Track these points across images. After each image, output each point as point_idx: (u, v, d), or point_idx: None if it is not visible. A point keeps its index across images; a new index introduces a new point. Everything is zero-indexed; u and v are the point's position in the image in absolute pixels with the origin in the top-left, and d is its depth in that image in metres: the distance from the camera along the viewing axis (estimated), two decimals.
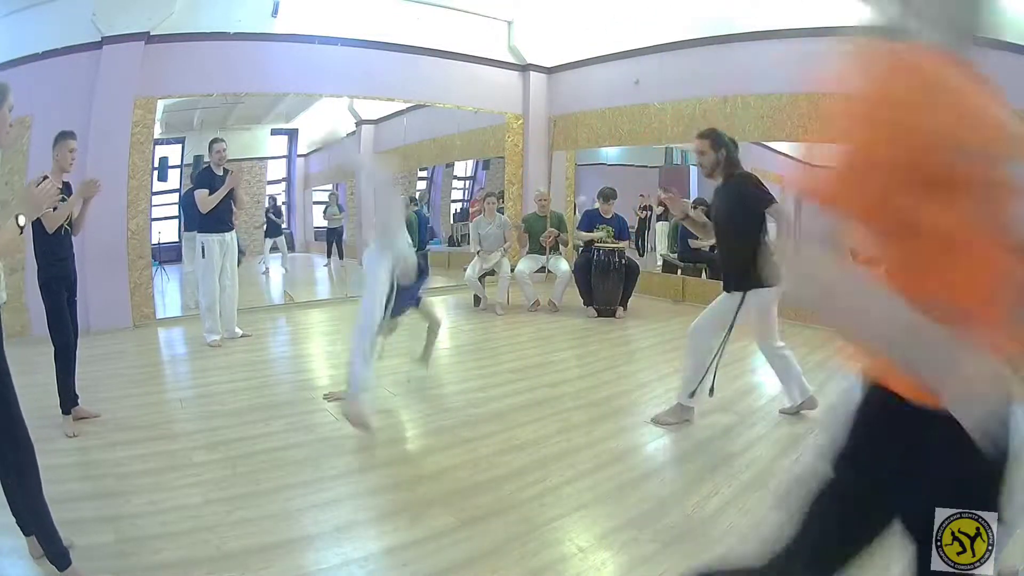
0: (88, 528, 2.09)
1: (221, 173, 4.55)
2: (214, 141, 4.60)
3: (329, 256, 8.23)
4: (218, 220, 4.57)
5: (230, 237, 4.67)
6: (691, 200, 6.68)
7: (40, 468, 1.77)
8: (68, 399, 3.01)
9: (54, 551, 1.78)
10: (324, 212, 8.41)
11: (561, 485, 2.48)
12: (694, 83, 6.32)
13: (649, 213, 8.00)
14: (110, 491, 2.37)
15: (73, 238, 3.12)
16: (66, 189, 3.10)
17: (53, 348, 2.98)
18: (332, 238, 8.23)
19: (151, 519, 2.17)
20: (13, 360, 1.77)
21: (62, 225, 3.00)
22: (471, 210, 8.87)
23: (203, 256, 4.57)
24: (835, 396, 3.71)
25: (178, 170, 6.82)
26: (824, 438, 1.01)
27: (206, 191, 4.45)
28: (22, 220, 1.69)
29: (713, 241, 3.30)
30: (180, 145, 6.84)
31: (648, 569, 1.94)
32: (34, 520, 1.80)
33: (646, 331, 5.26)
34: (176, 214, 6.59)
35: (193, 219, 4.80)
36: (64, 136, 3.03)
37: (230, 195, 4.55)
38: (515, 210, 7.64)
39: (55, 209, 2.96)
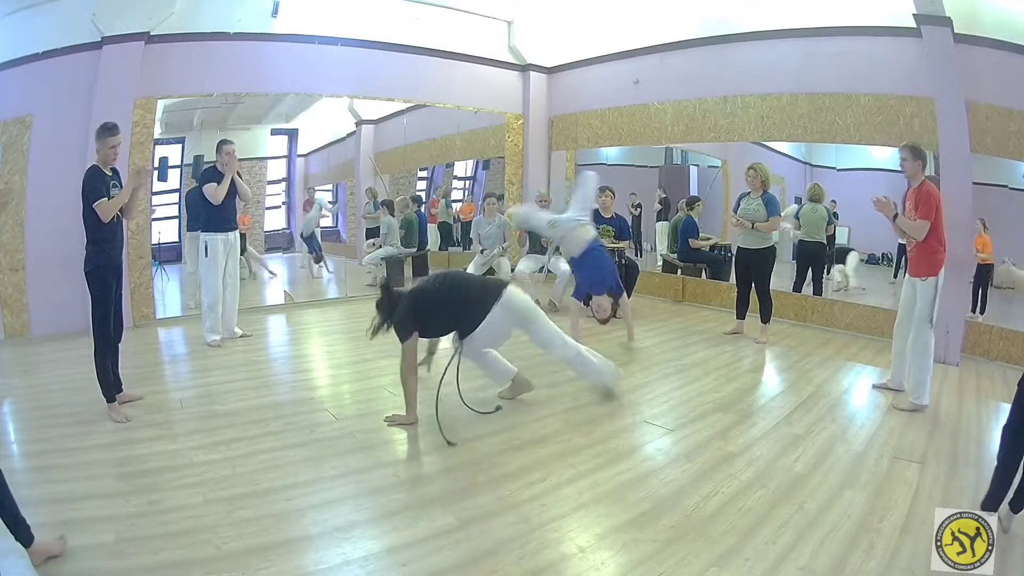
0: (88, 528, 2.09)
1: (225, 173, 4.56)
2: (224, 142, 4.58)
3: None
4: (223, 219, 4.58)
5: (234, 236, 4.68)
6: (685, 199, 6.70)
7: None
8: (110, 387, 3.16)
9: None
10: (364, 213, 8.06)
11: (561, 485, 2.48)
12: (694, 83, 6.33)
13: (640, 211, 8.01)
14: (110, 491, 2.37)
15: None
16: (115, 176, 3.18)
17: (94, 339, 3.09)
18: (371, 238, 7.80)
19: (151, 519, 2.17)
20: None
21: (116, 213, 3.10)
22: (431, 211, 8.79)
23: (206, 255, 4.58)
24: (835, 394, 3.72)
25: (178, 170, 6.81)
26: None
27: (215, 184, 4.47)
28: None
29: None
30: (180, 145, 6.84)
31: (648, 569, 1.94)
32: None
33: (646, 331, 5.26)
34: (176, 214, 6.59)
35: (197, 218, 4.80)
36: (106, 131, 3.08)
37: (234, 190, 4.56)
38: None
39: (109, 199, 3.04)
